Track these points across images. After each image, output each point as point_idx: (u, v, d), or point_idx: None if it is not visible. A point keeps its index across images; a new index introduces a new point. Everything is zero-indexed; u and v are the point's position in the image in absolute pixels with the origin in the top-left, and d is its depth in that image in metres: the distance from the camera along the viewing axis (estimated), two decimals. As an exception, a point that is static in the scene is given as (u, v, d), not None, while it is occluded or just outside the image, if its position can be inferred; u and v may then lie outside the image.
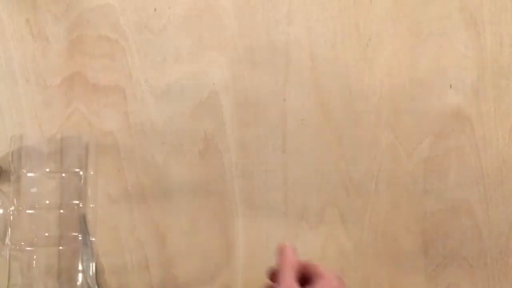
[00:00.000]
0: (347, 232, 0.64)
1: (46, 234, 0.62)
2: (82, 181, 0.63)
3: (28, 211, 0.62)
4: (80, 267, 0.62)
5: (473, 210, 0.64)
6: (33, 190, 0.62)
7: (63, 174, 0.63)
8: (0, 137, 0.64)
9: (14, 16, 0.64)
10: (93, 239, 0.63)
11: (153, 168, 0.64)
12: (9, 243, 0.61)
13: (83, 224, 0.63)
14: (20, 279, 0.61)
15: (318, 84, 0.64)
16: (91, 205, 0.64)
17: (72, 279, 0.62)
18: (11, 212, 0.61)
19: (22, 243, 0.61)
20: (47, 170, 0.62)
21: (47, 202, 0.62)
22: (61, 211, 0.63)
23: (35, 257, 0.61)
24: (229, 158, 0.64)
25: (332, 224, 0.64)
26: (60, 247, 0.62)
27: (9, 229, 0.61)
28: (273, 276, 0.49)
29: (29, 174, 0.62)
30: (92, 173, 0.64)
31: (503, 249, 0.63)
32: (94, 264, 0.62)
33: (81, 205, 0.63)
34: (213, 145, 0.64)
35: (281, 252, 0.49)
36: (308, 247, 0.64)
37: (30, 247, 0.61)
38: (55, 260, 0.62)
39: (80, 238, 0.63)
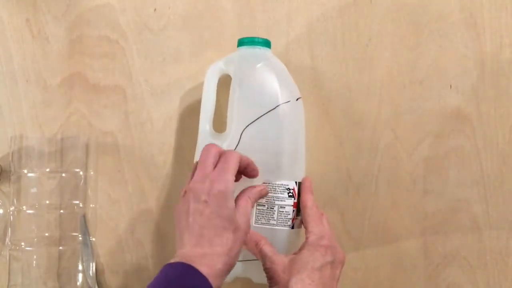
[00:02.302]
0: (347, 232, 0.64)
1: (46, 234, 0.62)
2: (82, 181, 0.63)
3: (28, 211, 0.62)
4: (80, 267, 0.62)
5: (473, 210, 0.64)
6: (33, 190, 0.62)
7: (63, 174, 0.63)
8: (0, 137, 0.64)
9: (14, 16, 0.65)
10: (93, 239, 0.63)
11: (153, 168, 0.64)
12: (9, 243, 0.61)
13: (83, 224, 0.63)
14: (20, 279, 0.61)
15: (318, 84, 0.64)
16: (91, 205, 0.64)
17: (72, 279, 0.62)
18: (11, 212, 0.61)
19: (22, 243, 0.61)
20: (47, 170, 0.63)
21: (47, 202, 0.62)
22: (61, 211, 0.63)
23: (35, 257, 0.61)
24: (229, 158, 0.64)
25: (332, 224, 0.64)
26: (60, 247, 0.62)
27: (9, 229, 0.61)
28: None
29: (29, 174, 0.62)
30: (92, 173, 0.64)
31: (503, 249, 0.63)
32: (94, 264, 0.62)
33: (81, 205, 0.63)
34: (213, 145, 0.64)
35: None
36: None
37: (30, 247, 0.61)
38: (55, 260, 0.62)
39: (80, 238, 0.63)
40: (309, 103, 0.64)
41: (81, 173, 0.63)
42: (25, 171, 0.62)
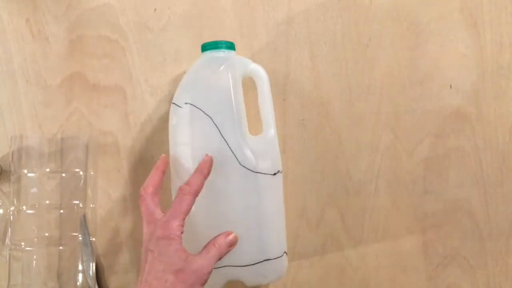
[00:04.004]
0: (347, 232, 0.64)
1: (46, 234, 0.62)
2: (82, 181, 0.63)
3: (28, 211, 0.62)
4: (80, 267, 0.62)
5: (473, 210, 0.64)
6: (33, 190, 0.62)
7: (63, 174, 0.63)
8: (0, 137, 0.64)
9: (14, 16, 0.65)
10: (93, 239, 0.63)
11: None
12: (9, 243, 0.61)
13: (83, 224, 0.63)
14: (20, 279, 0.61)
15: (318, 84, 0.65)
16: (91, 205, 0.64)
17: (72, 279, 0.62)
18: (11, 212, 0.61)
19: (22, 243, 0.61)
20: (47, 170, 0.63)
21: (47, 202, 0.62)
22: (61, 211, 0.63)
23: (35, 257, 0.61)
24: (229, 158, 0.64)
25: (332, 224, 0.64)
26: (60, 247, 0.62)
27: (9, 229, 0.61)
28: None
29: (29, 174, 0.62)
30: (92, 173, 0.64)
31: (503, 249, 0.63)
32: (94, 264, 0.62)
33: (81, 205, 0.63)
34: (213, 145, 0.64)
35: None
36: (308, 247, 0.64)
37: (30, 247, 0.61)
38: (55, 260, 0.62)
39: (80, 238, 0.63)
40: (309, 103, 0.64)
41: (81, 173, 0.63)
42: (25, 171, 0.62)
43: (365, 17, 0.65)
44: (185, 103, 0.55)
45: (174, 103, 0.56)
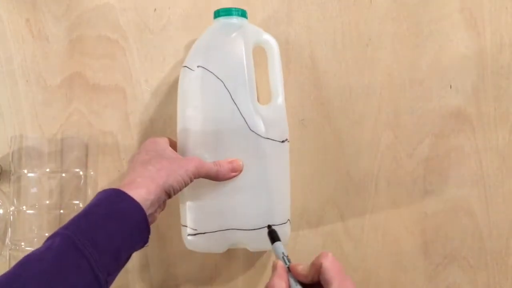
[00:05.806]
0: (347, 232, 0.64)
1: (46, 234, 0.62)
2: (82, 181, 0.63)
3: (28, 211, 0.62)
4: (80, 267, 0.62)
5: (473, 210, 0.64)
6: (33, 190, 0.62)
7: (63, 174, 0.63)
8: (0, 137, 0.64)
9: (14, 16, 0.65)
10: (93, 239, 0.63)
11: (153, 168, 0.64)
12: (9, 243, 0.61)
13: (83, 224, 0.62)
14: (20, 279, 0.61)
15: (318, 84, 0.65)
16: (91, 205, 0.64)
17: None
18: (11, 212, 0.61)
19: (22, 243, 0.61)
20: (47, 170, 0.62)
21: (47, 202, 0.62)
22: (61, 211, 0.63)
23: (35, 257, 0.61)
24: (229, 158, 0.64)
25: (332, 224, 0.64)
26: (60, 247, 0.62)
27: (9, 229, 0.61)
28: None
29: (29, 174, 0.62)
30: (92, 173, 0.64)
31: (503, 249, 0.63)
32: (94, 264, 0.62)
33: (81, 205, 0.63)
34: (213, 145, 0.64)
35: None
36: (308, 247, 0.64)
37: (30, 247, 0.61)
38: (55, 260, 0.62)
39: (80, 238, 0.63)
40: (309, 103, 0.64)
41: (81, 173, 0.63)
42: (25, 171, 0.62)
43: (365, 17, 0.65)
44: (198, 66, 0.55)
45: (186, 66, 0.57)
